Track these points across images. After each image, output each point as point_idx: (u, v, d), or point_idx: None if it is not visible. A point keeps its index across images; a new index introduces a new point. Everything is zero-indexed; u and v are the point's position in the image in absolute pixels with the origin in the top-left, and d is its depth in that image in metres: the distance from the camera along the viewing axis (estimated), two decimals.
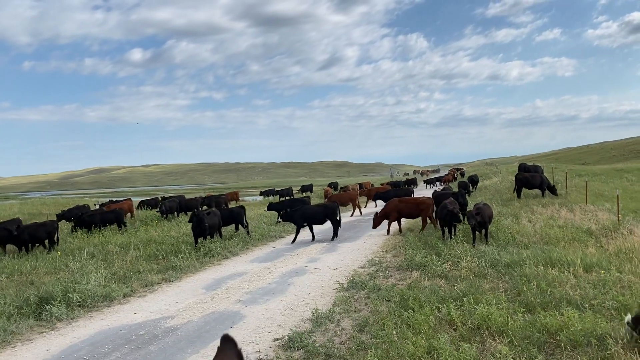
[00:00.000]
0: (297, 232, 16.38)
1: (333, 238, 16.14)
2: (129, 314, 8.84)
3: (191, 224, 16.05)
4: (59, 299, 9.03)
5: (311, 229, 16.43)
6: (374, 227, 17.06)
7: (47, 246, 16.06)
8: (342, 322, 7.70)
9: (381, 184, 40.18)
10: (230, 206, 25.42)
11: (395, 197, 19.39)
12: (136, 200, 33.37)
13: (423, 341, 6.12)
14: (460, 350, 5.77)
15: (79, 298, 9.25)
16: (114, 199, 33.31)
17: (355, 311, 8.19)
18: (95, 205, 29.20)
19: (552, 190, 24.05)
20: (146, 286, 10.79)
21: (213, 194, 36.04)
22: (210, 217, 15.55)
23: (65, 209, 26.26)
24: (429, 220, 16.68)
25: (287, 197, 34.84)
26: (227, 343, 1.85)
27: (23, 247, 15.65)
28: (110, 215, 20.46)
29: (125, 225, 20.39)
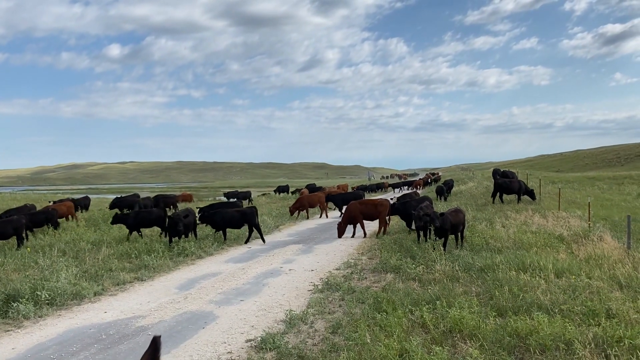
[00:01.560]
0: (215, 233, 16.88)
1: (246, 242, 16.27)
2: (99, 312, 8.67)
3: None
4: (26, 297, 8.80)
5: (224, 232, 16.57)
6: (340, 235, 17.12)
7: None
8: (315, 323, 7.68)
9: (352, 188, 40.32)
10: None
11: (343, 200, 19.62)
12: (95, 197, 32.20)
13: (395, 343, 6.14)
14: (431, 353, 5.81)
15: (47, 296, 9.03)
16: (55, 201, 31.43)
17: (329, 313, 8.18)
18: (48, 203, 28.20)
19: (531, 194, 24.47)
20: (118, 285, 10.61)
21: (188, 192, 35.56)
22: (187, 218, 15.44)
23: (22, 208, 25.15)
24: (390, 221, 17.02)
25: (219, 201, 34.47)
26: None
27: None
28: (41, 217, 19.16)
29: (56, 227, 19.00)
